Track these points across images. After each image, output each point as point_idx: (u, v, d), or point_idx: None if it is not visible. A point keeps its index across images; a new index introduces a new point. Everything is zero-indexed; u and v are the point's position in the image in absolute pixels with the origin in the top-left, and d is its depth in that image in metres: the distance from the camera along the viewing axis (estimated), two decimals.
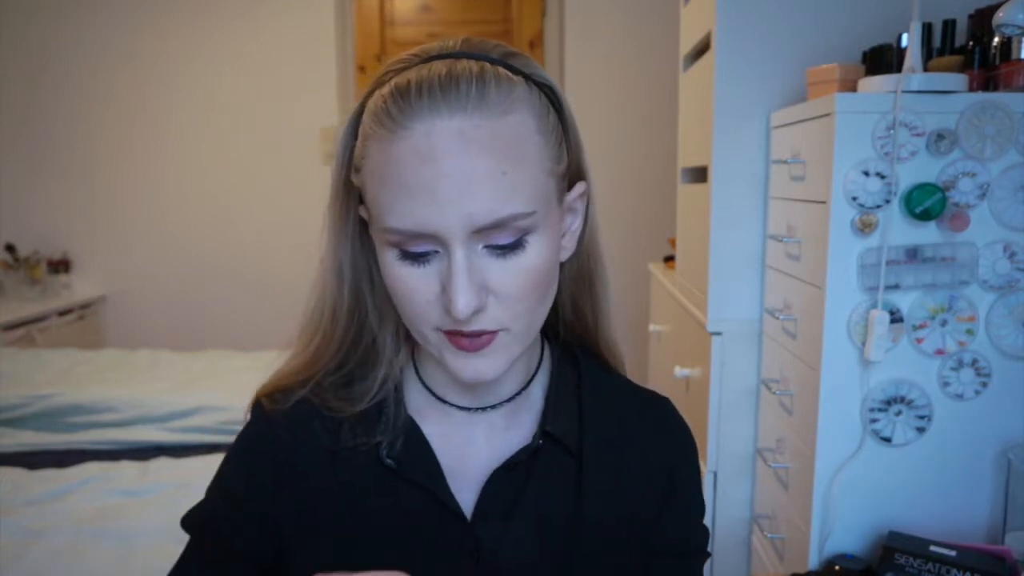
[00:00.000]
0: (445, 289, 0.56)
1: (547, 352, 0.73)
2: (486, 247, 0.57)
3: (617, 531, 0.68)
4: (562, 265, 0.66)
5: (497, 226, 0.55)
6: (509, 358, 0.61)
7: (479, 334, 0.58)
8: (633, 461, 0.70)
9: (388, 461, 0.65)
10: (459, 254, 0.55)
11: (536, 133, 0.58)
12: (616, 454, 0.70)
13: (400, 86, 0.56)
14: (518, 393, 0.69)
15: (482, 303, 0.57)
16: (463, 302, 0.55)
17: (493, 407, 0.68)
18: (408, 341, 0.69)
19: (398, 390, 0.68)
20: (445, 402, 0.68)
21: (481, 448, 0.68)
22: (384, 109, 0.56)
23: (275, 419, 0.68)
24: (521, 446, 0.67)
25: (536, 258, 0.58)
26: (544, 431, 0.67)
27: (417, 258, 0.57)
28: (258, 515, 0.67)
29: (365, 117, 0.59)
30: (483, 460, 0.67)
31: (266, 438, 0.68)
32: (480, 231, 0.55)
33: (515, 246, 0.57)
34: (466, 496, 0.66)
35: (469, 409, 0.68)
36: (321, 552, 0.66)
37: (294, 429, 0.68)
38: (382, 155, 0.56)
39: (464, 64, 0.57)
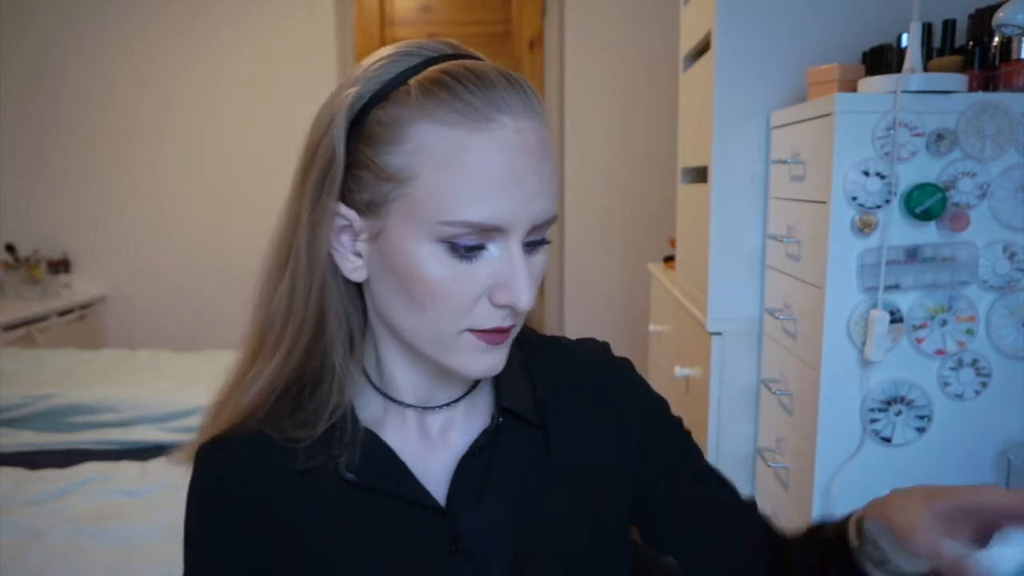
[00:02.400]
0: (503, 284, 0.58)
1: None
2: (524, 244, 0.59)
3: (592, 488, 0.70)
4: None
5: (547, 224, 0.60)
6: (510, 350, 0.64)
7: (511, 328, 0.61)
8: (592, 418, 0.72)
9: (348, 475, 0.63)
10: (519, 248, 0.58)
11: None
12: (575, 415, 0.72)
13: (465, 77, 0.56)
14: (472, 387, 0.70)
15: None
16: (528, 294, 0.58)
17: (455, 402, 0.69)
18: (352, 352, 0.67)
19: (349, 403, 0.66)
20: (405, 405, 0.68)
21: (439, 442, 0.68)
22: (452, 95, 0.56)
23: (221, 457, 0.66)
24: (481, 431, 0.68)
25: (547, 255, 0.63)
26: (503, 408, 0.68)
27: (467, 253, 0.57)
28: (240, 566, 0.66)
29: (406, 98, 0.57)
30: (446, 454, 0.67)
31: (219, 486, 0.66)
32: (535, 228, 0.59)
33: (540, 243, 0.61)
34: (435, 492, 0.66)
35: (428, 408, 0.68)
36: None
37: (244, 463, 0.65)
38: (457, 143, 0.55)
39: (508, 72, 0.60)
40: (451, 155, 0.55)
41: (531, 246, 0.60)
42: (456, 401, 0.69)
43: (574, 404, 0.72)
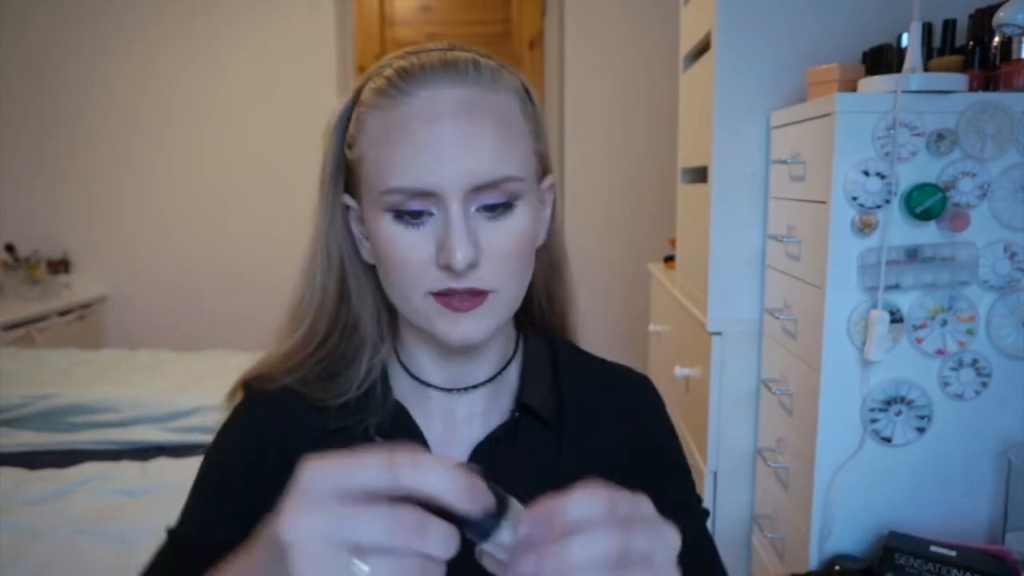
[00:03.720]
0: (442, 245, 0.60)
1: (520, 337, 0.76)
2: (478, 209, 0.61)
3: None
4: (536, 254, 0.69)
5: (493, 185, 0.60)
6: (495, 323, 0.64)
7: (471, 292, 0.61)
8: (610, 432, 0.73)
9: (377, 439, 0.66)
10: (456, 209, 0.60)
11: (521, 114, 0.65)
12: (593, 425, 0.73)
13: (401, 66, 0.63)
14: (496, 375, 0.72)
15: (477, 257, 0.60)
16: (461, 252, 0.59)
17: (474, 387, 0.71)
18: (390, 331, 0.72)
19: (385, 378, 0.70)
20: (428, 384, 0.71)
21: (463, 428, 0.70)
22: (387, 82, 0.62)
23: (264, 401, 0.70)
24: (501, 423, 0.70)
25: (523, 222, 0.63)
26: (520, 403, 0.70)
27: (412, 219, 0.61)
28: (256, 496, 0.66)
29: (364, 97, 0.64)
30: (466, 440, 0.69)
31: (259, 418, 0.70)
32: (478, 189, 0.60)
33: (505, 208, 0.62)
34: None
35: (450, 390, 0.70)
36: None
37: (282, 412, 0.70)
38: (384, 121, 0.61)
39: (457, 52, 0.64)
40: (381, 133, 0.61)
41: (492, 210, 0.61)
42: (477, 386, 0.71)
43: (595, 417, 0.73)
